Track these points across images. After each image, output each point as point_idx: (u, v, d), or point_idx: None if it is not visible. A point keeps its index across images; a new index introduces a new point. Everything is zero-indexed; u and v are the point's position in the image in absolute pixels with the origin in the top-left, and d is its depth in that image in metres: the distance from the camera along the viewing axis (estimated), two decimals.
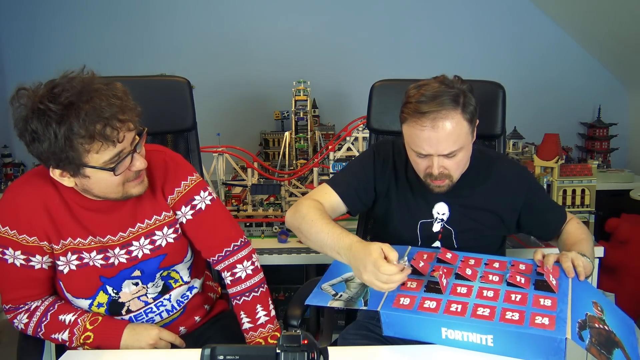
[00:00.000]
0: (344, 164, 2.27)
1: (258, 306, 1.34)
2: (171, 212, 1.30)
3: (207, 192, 1.35)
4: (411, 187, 1.43)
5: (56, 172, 1.12)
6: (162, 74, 2.49)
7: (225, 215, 1.38)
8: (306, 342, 0.86)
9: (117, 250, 1.25)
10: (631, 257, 2.53)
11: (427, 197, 1.41)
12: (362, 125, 2.45)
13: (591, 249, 1.31)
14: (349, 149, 2.47)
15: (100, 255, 1.24)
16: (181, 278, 1.35)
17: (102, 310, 1.28)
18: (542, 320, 1.01)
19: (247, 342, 1.32)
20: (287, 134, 2.69)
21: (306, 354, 0.86)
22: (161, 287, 1.32)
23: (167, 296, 1.33)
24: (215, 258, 1.36)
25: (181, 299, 1.36)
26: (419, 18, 3.29)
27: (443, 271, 1.17)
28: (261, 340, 1.32)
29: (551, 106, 3.32)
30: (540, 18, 3.25)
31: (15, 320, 1.26)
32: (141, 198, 1.25)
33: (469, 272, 1.17)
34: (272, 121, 3.24)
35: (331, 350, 0.91)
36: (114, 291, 1.27)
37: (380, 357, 1.13)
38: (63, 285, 1.26)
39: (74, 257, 1.23)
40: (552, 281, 1.10)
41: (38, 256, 1.21)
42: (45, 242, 1.21)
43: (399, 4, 3.27)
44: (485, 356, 1.06)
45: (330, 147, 2.48)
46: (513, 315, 1.03)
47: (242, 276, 1.35)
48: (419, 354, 1.11)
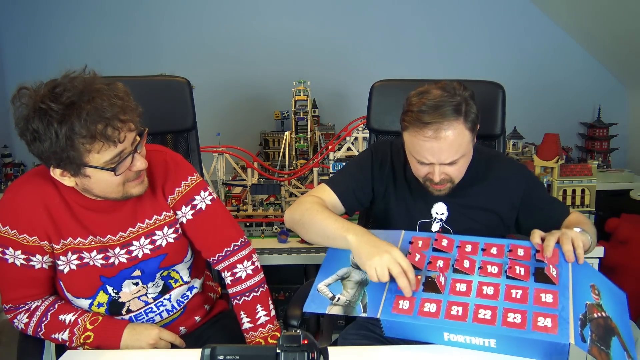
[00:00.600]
0: (344, 164, 2.27)
1: (258, 306, 1.34)
2: (171, 212, 1.30)
3: (207, 192, 1.35)
4: (409, 187, 1.43)
5: (57, 172, 1.12)
6: (162, 74, 2.49)
7: (225, 215, 1.38)
8: (306, 342, 0.86)
9: (117, 250, 1.25)
10: (631, 257, 2.53)
11: (425, 197, 1.40)
12: (362, 125, 2.45)
13: (592, 231, 1.28)
14: (349, 149, 2.47)
15: (101, 255, 1.24)
16: (181, 278, 1.35)
17: (102, 310, 1.28)
18: (545, 322, 1.01)
19: (247, 342, 1.32)
20: (287, 134, 2.69)
21: (306, 354, 0.86)
22: (161, 287, 1.32)
23: (167, 296, 1.33)
24: (215, 258, 1.36)
25: (181, 299, 1.36)
26: (419, 18, 3.29)
27: (439, 267, 1.16)
28: (261, 340, 1.32)
29: (551, 106, 3.32)
30: (540, 18, 3.25)
31: (15, 320, 1.26)
32: (141, 198, 1.25)
33: (466, 264, 1.16)
34: (272, 121, 3.24)
35: (331, 350, 0.91)
36: (114, 291, 1.27)
37: (380, 357, 1.13)
38: (63, 285, 1.26)
39: (74, 256, 1.23)
40: (553, 273, 1.09)
41: (38, 256, 1.21)
42: (46, 241, 1.21)
43: (399, 4, 3.27)
44: (487, 356, 1.06)
45: (330, 147, 2.48)
46: (515, 318, 1.03)
47: (242, 276, 1.35)
48: (419, 354, 1.10)
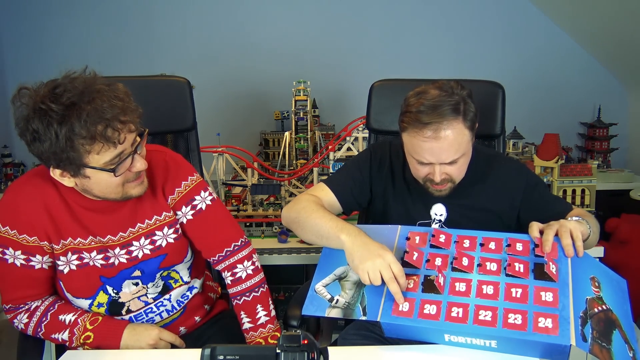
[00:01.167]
0: (343, 164, 2.27)
1: (258, 306, 1.34)
2: (171, 212, 1.30)
3: (207, 192, 1.35)
4: (408, 188, 1.43)
5: (56, 172, 1.12)
6: (162, 74, 2.49)
7: (225, 215, 1.38)
8: (306, 342, 0.86)
9: (117, 250, 1.25)
10: (631, 257, 2.52)
11: (424, 198, 1.40)
12: (362, 125, 2.45)
13: (594, 223, 1.27)
14: (349, 149, 2.47)
15: (101, 255, 1.24)
16: (181, 278, 1.35)
17: (102, 310, 1.28)
18: (546, 323, 1.01)
19: (247, 342, 1.32)
20: (287, 134, 2.69)
21: (306, 354, 0.86)
22: (161, 287, 1.32)
23: (167, 296, 1.33)
24: (215, 258, 1.36)
25: (181, 299, 1.36)
26: (418, 18, 3.28)
27: (438, 265, 1.16)
28: (261, 340, 1.32)
29: (551, 106, 3.32)
30: (540, 18, 3.25)
31: (15, 320, 1.27)
32: (141, 198, 1.25)
33: (465, 262, 1.15)
34: (272, 121, 3.24)
35: (331, 350, 0.91)
36: (114, 291, 1.27)
37: (380, 357, 1.13)
38: (63, 285, 1.26)
39: (74, 257, 1.23)
40: (552, 270, 1.09)
41: (38, 256, 1.21)
42: (46, 242, 1.21)
43: (399, 4, 3.27)
44: (488, 355, 1.06)
45: (330, 147, 2.48)
46: (516, 319, 1.03)
47: (243, 276, 1.35)
48: (419, 354, 1.10)
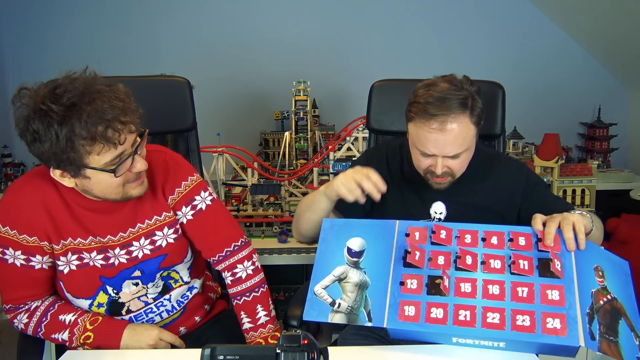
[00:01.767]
0: (344, 164, 2.28)
1: (258, 306, 1.34)
2: (171, 212, 1.30)
3: (207, 192, 1.35)
4: (407, 188, 1.44)
5: (57, 173, 1.12)
6: (162, 74, 2.49)
7: (225, 215, 1.38)
8: (306, 342, 0.86)
9: (117, 250, 1.25)
10: (631, 257, 2.49)
11: (423, 196, 1.41)
12: (362, 125, 2.45)
13: (597, 219, 1.26)
14: (349, 149, 2.47)
15: (101, 256, 1.24)
16: (181, 278, 1.35)
17: (102, 310, 1.28)
18: (554, 324, 1.01)
19: (247, 342, 1.32)
20: (287, 134, 2.69)
21: (306, 354, 0.86)
22: (161, 287, 1.32)
23: (167, 296, 1.33)
24: (215, 258, 1.36)
25: (181, 299, 1.36)
26: (419, 18, 3.29)
27: (441, 264, 1.15)
28: (261, 340, 1.32)
29: (551, 106, 3.32)
30: (540, 19, 3.25)
31: (15, 320, 1.27)
32: (141, 198, 1.25)
33: (469, 260, 1.14)
34: (272, 121, 3.24)
35: (331, 350, 0.91)
36: (114, 291, 1.27)
37: (381, 357, 1.13)
38: (63, 285, 1.26)
39: (74, 257, 1.23)
40: (557, 267, 1.08)
41: (38, 256, 1.21)
42: (46, 242, 1.21)
43: (399, 4, 3.27)
44: (488, 355, 1.07)
45: (330, 147, 2.48)
46: (524, 321, 1.03)
47: (243, 276, 1.35)
48: (419, 354, 1.10)
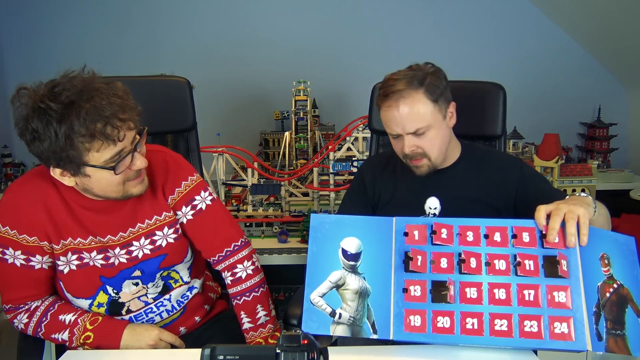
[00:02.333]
0: (344, 164, 2.29)
1: (258, 306, 1.34)
2: (171, 212, 1.30)
3: (207, 192, 1.35)
4: (399, 187, 1.47)
5: (57, 172, 1.12)
6: (162, 74, 2.49)
7: (225, 215, 1.38)
8: (306, 342, 0.86)
9: (117, 250, 1.25)
10: None
11: (416, 193, 1.43)
12: (362, 125, 2.45)
13: (601, 205, 1.22)
14: (349, 149, 2.47)
15: (101, 255, 1.24)
16: (181, 278, 1.35)
17: (102, 310, 1.28)
18: (561, 329, 1.01)
19: (248, 342, 1.32)
20: (287, 134, 2.69)
21: (306, 354, 0.85)
22: (161, 287, 1.32)
23: (167, 296, 1.33)
24: (215, 258, 1.36)
25: (181, 299, 1.36)
26: (419, 18, 3.29)
27: (444, 268, 1.13)
28: (261, 340, 1.32)
29: (551, 106, 3.32)
30: (540, 19, 3.26)
31: (15, 320, 1.26)
32: (141, 198, 1.25)
33: (473, 264, 1.13)
34: (272, 121, 3.24)
35: (331, 350, 0.91)
36: (114, 291, 1.27)
37: (381, 357, 1.13)
38: (63, 285, 1.25)
39: (74, 257, 1.23)
40: (563, 267, 1.07)
41: (38, 256, 1.21)
42: (45, 242, 1.21)
43: (399, 5, 3.27)
44: (488, 355, 1.07)
45: (330, 147, 2.48)
46: (532, 327, 1.03)
47: (243, 276, 1.35)
48: (419, 354, 1.10)
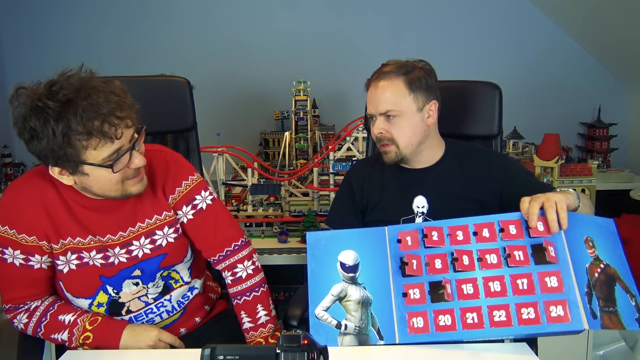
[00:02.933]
0: (344, 163, 2.28)
1: (258, 306, 1.33)
2: (172, 211, 1.30)
3: (207, 191, 1.35)
4: (387, 188, 1.49)
5: (55, 170, 1.12)
6: (162, 74, 2.49)
7: (225, 215, 1.38)
8: (306, 342, 0.86)
9: (117, 249, 1.25)
10: (631, 257, 2.48)
11: (404, 193, 1.45)
12: (362, 125, 2.45)
13: (584, 195, 1.27)
14: (349, 149, 2.46)
15: (100, 255, 1.24)
16: (181, 278, 1.34)
17: (102, 310, 1.27)
18: (557, 312, 1.05)
19: (248, 342, 1.32)
20: (287, 134, 2.69)
21: (306, 354, 0.85)
22: (162, 288, 1.32)
23: (167, 297, 1.33)
24: (215, 258, 1.35)
25: (182, 300, 1.36)
26: (419, 18, 3.29)
27: (439, 269, 1.17)
28: (262, 339, 1.31)
29: (551, 106, 3.32)
30: (540, 18, 3.26)
31: (15, 320, 1.26)
32: (142, 197, 1.25)
33: (466, 261, 1.16)
34: (272, 121, 3.24)
35: (331, 350, 0.91)
36: (114, 291, 1.27)
37: (381, 357, 1.13)
38: (63, 285, 1.25)
39: (74, 256, 1.22)
40: (551, 253, 1.11)
41: (37, 256, 1.21)
42: (44, 241, 1.20)
43: (399, 5, 3.27)
44: (489, 354, 1.07)
45: (330, 147, 2.48)
46: (529, 313, 1.07)
47: (243, 276, 1.35)
48: (419, 354, 1.10)
